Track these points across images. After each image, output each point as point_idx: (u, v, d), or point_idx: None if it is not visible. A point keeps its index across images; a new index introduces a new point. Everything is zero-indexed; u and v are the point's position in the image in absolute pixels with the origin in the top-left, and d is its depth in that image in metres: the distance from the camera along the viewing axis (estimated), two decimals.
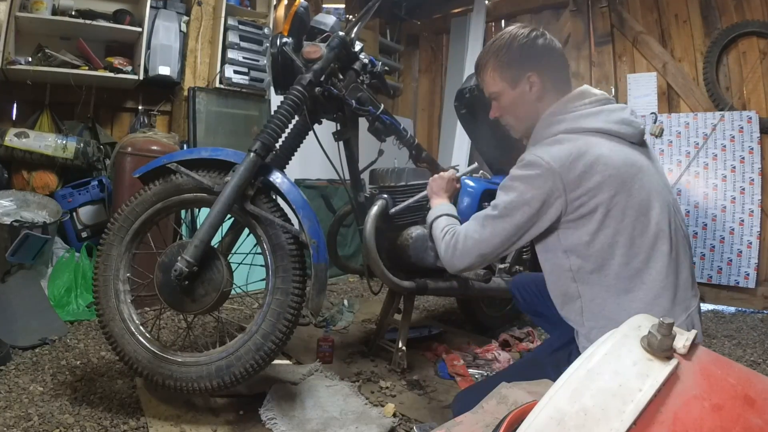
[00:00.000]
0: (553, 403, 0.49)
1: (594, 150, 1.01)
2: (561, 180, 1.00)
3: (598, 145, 1.02)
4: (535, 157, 1.03)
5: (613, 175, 1.00)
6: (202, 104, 2.76)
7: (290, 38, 1.49)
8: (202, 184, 1.34)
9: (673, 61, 2.99)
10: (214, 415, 1.36)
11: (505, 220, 1.06)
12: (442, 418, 1.36)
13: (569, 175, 0.99)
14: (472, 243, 1.11)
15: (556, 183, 1.00)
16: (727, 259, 2.75)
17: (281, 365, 1.66)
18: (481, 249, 1.11)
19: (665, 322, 0.52)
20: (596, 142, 1.03)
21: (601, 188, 0.99)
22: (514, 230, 1.06)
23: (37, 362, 1.61)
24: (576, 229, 1.03)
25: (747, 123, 2.71)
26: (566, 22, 3.41)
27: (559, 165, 1.00)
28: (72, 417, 1.29)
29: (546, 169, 1.01)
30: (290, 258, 1.32)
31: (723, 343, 2.20)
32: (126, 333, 1.34)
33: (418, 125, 4.33)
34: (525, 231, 1.06)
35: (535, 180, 1.02)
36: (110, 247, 1.39)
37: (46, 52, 2.38)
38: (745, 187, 2.72)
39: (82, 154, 2.40)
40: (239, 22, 2.86)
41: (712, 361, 0.55)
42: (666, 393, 0.48)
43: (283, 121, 1.38)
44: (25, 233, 1.97)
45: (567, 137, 1.05)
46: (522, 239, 1.08)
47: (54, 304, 2.02)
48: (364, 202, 1.70)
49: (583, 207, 1.00)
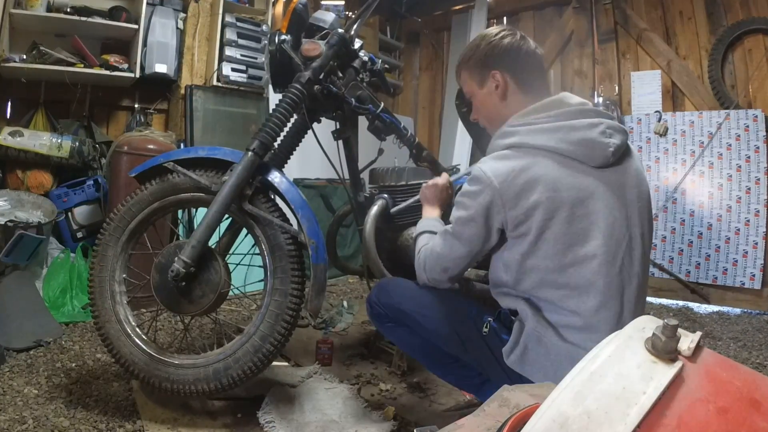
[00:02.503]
0: (556, 406, 0.49)
1: (536, 170, 0.99)
2: (500, 196, 0.99)
3: (543, 165, 0.99)
4: (480, 172, 1.02)
5: (551, 198, 0.97)
6: (199, 102, 2.74)
7: (289, 35, 1.48)
8: (200, 183, 1.33)
9: (678, 58, 2.98)
10: (211, 418, 1.35)
11: (458, 237, 1.08)
12: (442, 421, 1.34)
13: (508, 192, 0.98)
14: (435, 258, 1.13)
15: (495, 199, 1.00)
16: (732, 260, 2.74)
17: (280, 367, 1.65)
18: (442, 263, 1.12)
19: (670, 324, 0.51)
20: (543, 162, 1.00)
21: (536, 209, 0.97)
22: (468, 246, 1.07)
23: (32, 364, 1.60)
24: (513, 246, 1.03)
25: (753, 121, 2.70)
26: (569, 19, 3.39)
27: (500, 182, 0.99)
28: (67, 420, 1.28)
29: (486, 185, 1.00)
30: (289, 259, 1.31)
31: (728, 345, 2.18)
32: (122, 335, 1.33)
33: (418, 124, 4.32)
34: (479, 245, 1.06)
35: (478, 196, 1.02)
36: (106, 247, 1.38)
37: (41, 50, 2.36)
38: (751, 187, 2.70)
39: (78, 153, 2.39)
40: (237, 19, 2.84)
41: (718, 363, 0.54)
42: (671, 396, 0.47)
43: (281, 120, 1.37)
44: (20, 233, 1.96)
45: (514, 153, 1.02)
46: (480, 252, 1.08)
47: (49, 305, 2.00)
48: (363, 201, 1.69)
49: (520, 226, 1.00)
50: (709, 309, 2.77)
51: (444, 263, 1.12)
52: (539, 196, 0.97)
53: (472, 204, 1.03)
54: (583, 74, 3.30)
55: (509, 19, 3.84)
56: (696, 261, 2.84)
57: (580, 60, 3.33)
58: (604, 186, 1.01)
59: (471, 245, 1.07)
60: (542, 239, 0.99)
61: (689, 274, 2.85)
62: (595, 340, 0.89)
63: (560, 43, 3.46)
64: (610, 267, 0.99)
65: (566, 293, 1.00)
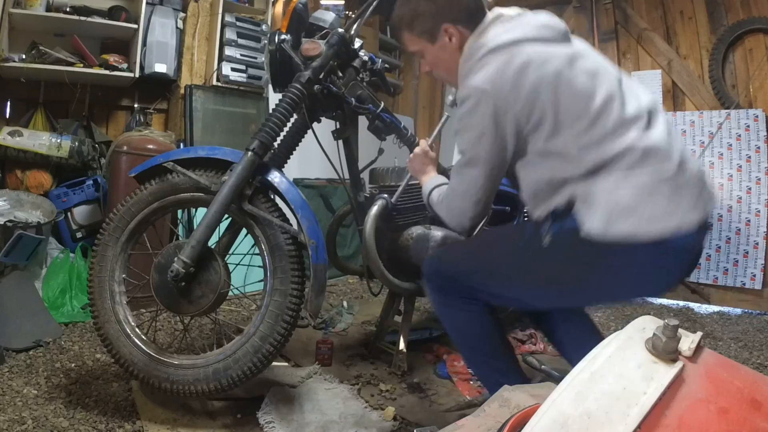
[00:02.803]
0: (556, 406, 0.49)
1: (518, 57, 1.00)
2: (499, 97, 0.99)
3: (521, 52, 1.01)
4: (468, 89, 1.03)
5: (545, 71, 0.99)
6: (199, 102, 2.74)
7: (289, 35, 1.48)
8: (199, 183, 1.33)
9: (679, 58, 2.97)
10: (211, 418, 1.34)
11: (474, 162, 1.06)
12: (443, 421, 1.34)
13: (504, 89, 0.99)
14: (461, 196, 1.11)
15: (497, 102, 0.99)
16: (733, 260, 2.73)
17: (279, 368, 1.65)
18: (471, 197, 1.09)
19: (670, 324, 0.51)
20: (519, 50, 1.02)
21: (539, 87, 0.98)
22: (488, 164, 1.05)
23: (31, 365, 1.59)
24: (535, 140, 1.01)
25: (753, 121, 2.69)
26: (569, 19, 3.39)
27: (491, 85, 1.00)
28: (66, 420, 1.27)
29: (481, 93, 1.00)
30: (289, 259, 1.30)
31: (729, 345, 2.17)
32: (121, 335, 1.33)
33: (418, 123, 4.32)
34: (499, 158, 1.04)
35: (477, 108, 1.01)
36: (105, 247, 1.38)
37: (40, 49, 2.35)
38: (752, 187, 2.69)
39: (77, 153, 2.39)
40: (237, 19, 2.84)
41: (718, 363, 0.54)
42: (671, 396, 0.48)
43: (281, 120, 1.36)
44: (19, 233, 1.95)
45: (490, 57, 1.03)
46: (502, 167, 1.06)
47: (48, 305, 1.99)
48: (363, 201, 1.68)
49: (533, 113, 0.99)
50: (710, 309, 2.76)
51: (473, 196, 1.09)
52: (534, 75, 0.98)
53: (475, 119, 1.02)
54: None
55: None
56: None
57: None
58: (576, 48, 1.06)
59: (491, 162, 1.04)
60: (560, 111, 0.98)
61: None
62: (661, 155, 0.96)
63: None
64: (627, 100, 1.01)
65: (608, 142, 0.97)
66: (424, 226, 1.71)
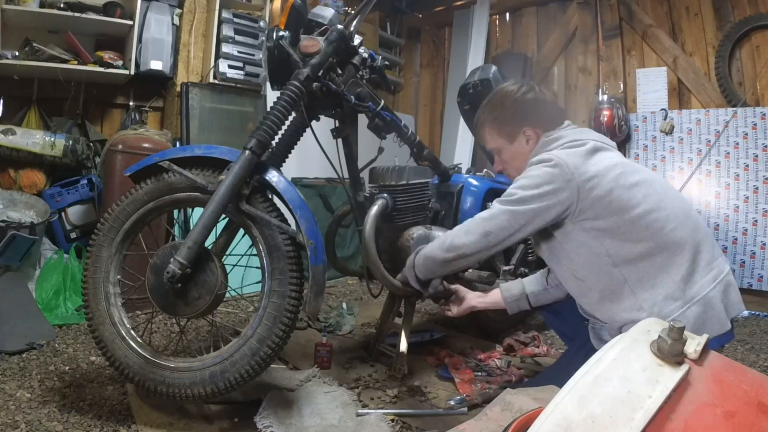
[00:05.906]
0: (560, 410, 0.48)
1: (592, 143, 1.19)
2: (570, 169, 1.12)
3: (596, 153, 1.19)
4: (546, 154, 1.16)
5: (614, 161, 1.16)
6: (195, 100, 2.73)
7: (287, 31, 1.46)
8: (196, 183, 1.32)
9: (684, 55, 2.96)
10: (207, 422, 1.33)
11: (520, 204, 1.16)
12: (443, 425, 1.33)
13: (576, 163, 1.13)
14: (480, 221, 1.21)
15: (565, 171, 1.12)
16: (740, 261, 2.72)
17: (278, 371, 1.64)
18: (486, 227, 1.19)
19: (676, 326, 0.50)
20: (592, 145, 1.19)
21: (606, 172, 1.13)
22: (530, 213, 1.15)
23: (25, 368, 1.58)
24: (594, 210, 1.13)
25: (761, 120, 2.68)
26: (573, 15, 3.37)
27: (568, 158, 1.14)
28: (60, 424, 1.26)
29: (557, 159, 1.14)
30: (287, 260, 1.29)
31: (735, 347, 2.15)
32: (116, 337, 1.32)
33: (419, 122, 4.31)
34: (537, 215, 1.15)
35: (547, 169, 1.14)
36: (100, 248, 1.37)
37: (34, 46, 2.34)
38: (759, 186, 2.68)
39: (71, 152, 2.38)
40: (234, 15, 2.83)
41: (725, 366, 0.54)
42: (677, 399, 0.47)
43: (279, 118, 1.35)
44: (12, 234, 1.94)
45: (570, 145, 1.20)
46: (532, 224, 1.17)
47: (42, 307, 1.99)
48: (363, 201, 1.68)
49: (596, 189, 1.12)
50: None
51: (488, 227, 1.19)
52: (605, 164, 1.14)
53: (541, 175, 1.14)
54: (588, 71, 3.28)
55: (512, 15, 3.82)
56: None
57: (584, 57, 3.31)
58: None
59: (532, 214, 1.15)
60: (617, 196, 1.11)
61: None
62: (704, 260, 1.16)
63: (564, 40, 3.44)
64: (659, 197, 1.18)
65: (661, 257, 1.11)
66: (425, 227, 1.71)
